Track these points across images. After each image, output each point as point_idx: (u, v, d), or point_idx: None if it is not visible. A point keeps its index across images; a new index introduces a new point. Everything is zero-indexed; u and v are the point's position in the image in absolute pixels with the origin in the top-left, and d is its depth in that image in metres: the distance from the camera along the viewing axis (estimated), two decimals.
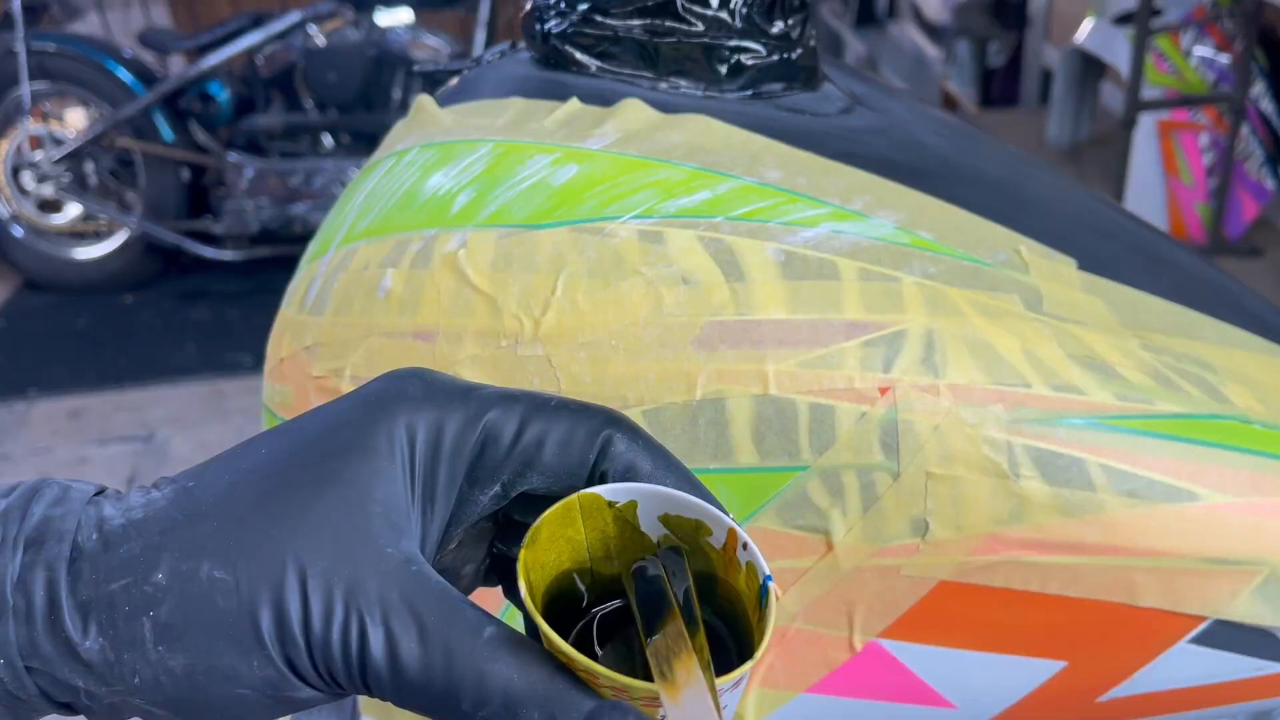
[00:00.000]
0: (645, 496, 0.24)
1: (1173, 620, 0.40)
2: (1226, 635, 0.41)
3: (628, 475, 0.25)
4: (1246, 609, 0.40)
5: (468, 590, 0.29)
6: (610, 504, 0.24)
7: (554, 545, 0.24)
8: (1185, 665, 0.42)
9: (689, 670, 0.21)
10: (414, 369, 0.26)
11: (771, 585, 0.23)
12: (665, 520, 0.25)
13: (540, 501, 0.25)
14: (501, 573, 0.29)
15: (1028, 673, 0.42)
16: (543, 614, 0.22)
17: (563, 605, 0.25)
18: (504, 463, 0.25)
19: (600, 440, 0.25)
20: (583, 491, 0.24)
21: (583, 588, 0.25)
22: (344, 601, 0.22)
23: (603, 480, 0.25)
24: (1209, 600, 0.40)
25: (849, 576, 0.40)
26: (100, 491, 0.25)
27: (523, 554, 0.23)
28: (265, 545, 0.22)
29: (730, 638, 0.25)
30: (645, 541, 0.25)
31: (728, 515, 0.24)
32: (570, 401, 0.26)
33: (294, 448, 0.24)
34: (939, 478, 0.38)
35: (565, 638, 0.21)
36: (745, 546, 0.23)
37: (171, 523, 0.23)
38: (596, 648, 0.25)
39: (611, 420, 0.26)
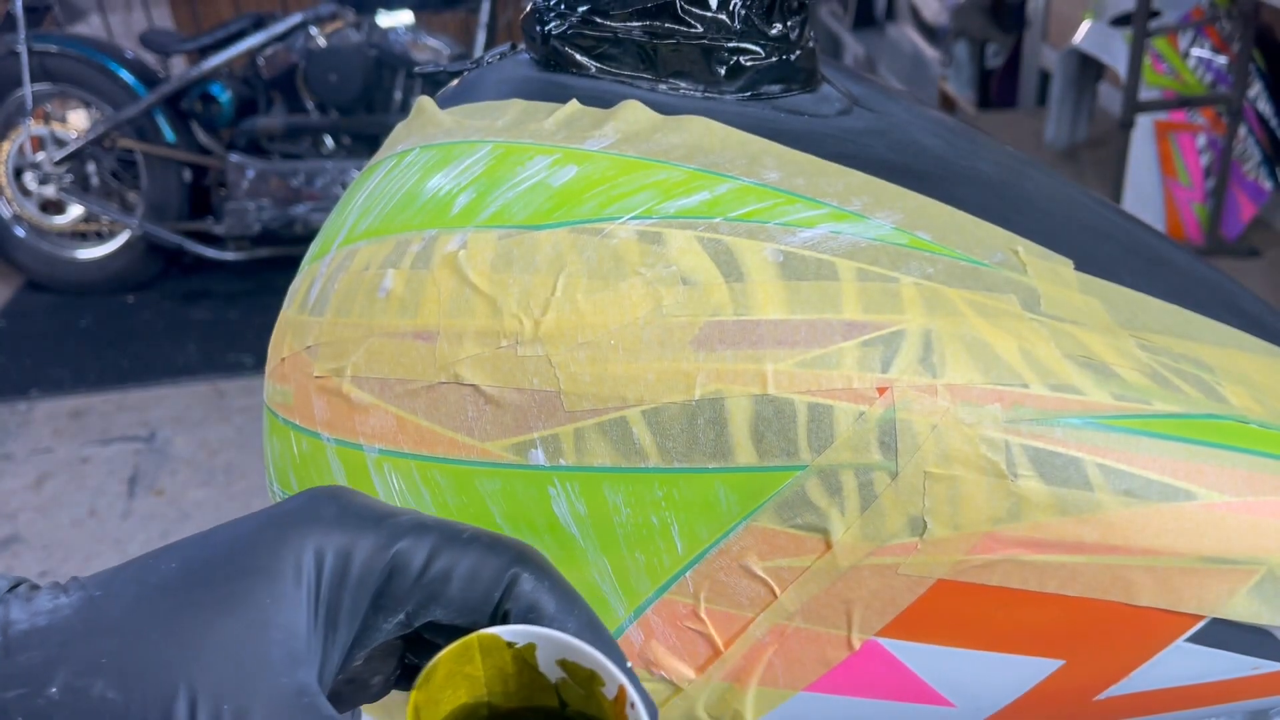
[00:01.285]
0: (543, 641, 0.24)
1: (1170, 619, 0.41)
2: (1224, 634, 0.41)
3: (530, 615, 0.25)
4: (1244, 608, 0.40)
5: (376, 698, 0.29)
6: (509, 644, 0.25)
7: (451, 682, 0.25)
8: (1182, 664, 0.42)
9: None
10: (334, 489, 0.27)
11: None
12: (563, 664, 0.25)
13: (448, 629, 0.25)
14: (411, 681, 0.29)
15: (1025, 671, 0.42)
16: None
17: None
18: (409, 593, 0.25)
19: (507, 578, 0.25)
20: (481, 632, 0.24)
21: None
22: None
23: (505, 618, 0.25)
24: (1206, 599, 0.40)
25: (847, 575, 0.40)
26: (15, 586, 0.25)
27: (414, 695, 0.23)
28: (160, 668, 0.22)
29: None
30: (543, 681, 0.25)
31: (620, 669, 0.24)
32: (484, 534, 0.26)
33: (202, 565, 0.24)
34: (937, 477, 0.38)
35: None
36: (633, 706, 0.23)
37: (72, 634, 0.23)
38: None
39: (521, 558, 0.26)
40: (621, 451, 0.39)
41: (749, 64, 0.47)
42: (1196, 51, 1.83)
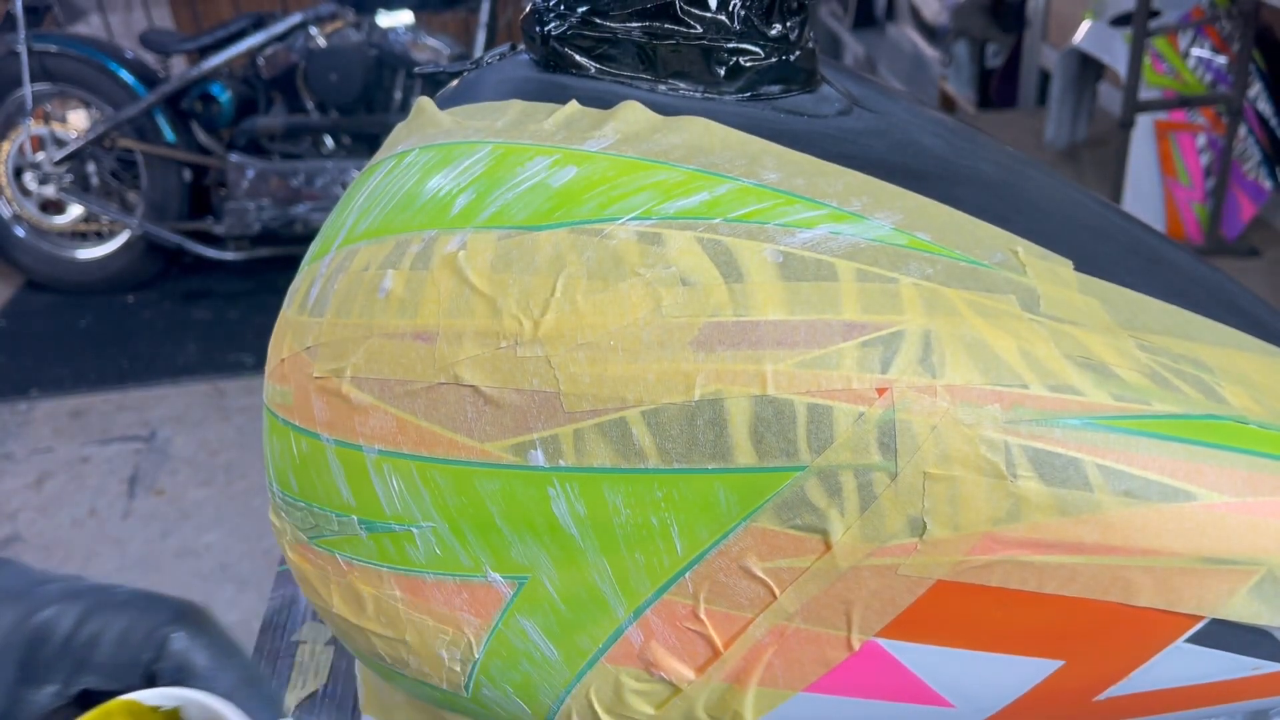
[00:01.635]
0: (187, 703, 0.24)
1: (1169, 619, 0.41)
2: (1223, 634, 0.41)
3: (181, 674, 0.25)
4: (1243, 608, 0.40)
5: None
6: (155, 709, 0.24)
7: None
8: (1182, 664, 0.42)
9: None
10: (5, 561, 0.26)
11: None
12: None
13: (110, 695, 0.25)
14: None
15: (1025, 672, 0.42)
16: None
17: None
18: (57, 662, 0.25)
19: (158, 638, 0.25)
20: (120, 698, 0.24)
21: None
22: None
23: (155, 680, 0.25)
24: (1206, 599, 0.40)
25: (847, 576, 0.40)
26: None
27: None
28: None
29: None
30: None
31: None
32: (140, 596, 0.26)
33: None
34: (936, 477, 0.38)
35: None
36: None
37: None
38: None
39: (179, 616, 0.25)
40: (621, 452, 0.39)
41: (749, 64, 0.47)
42: (1196, 51, 1.83)
